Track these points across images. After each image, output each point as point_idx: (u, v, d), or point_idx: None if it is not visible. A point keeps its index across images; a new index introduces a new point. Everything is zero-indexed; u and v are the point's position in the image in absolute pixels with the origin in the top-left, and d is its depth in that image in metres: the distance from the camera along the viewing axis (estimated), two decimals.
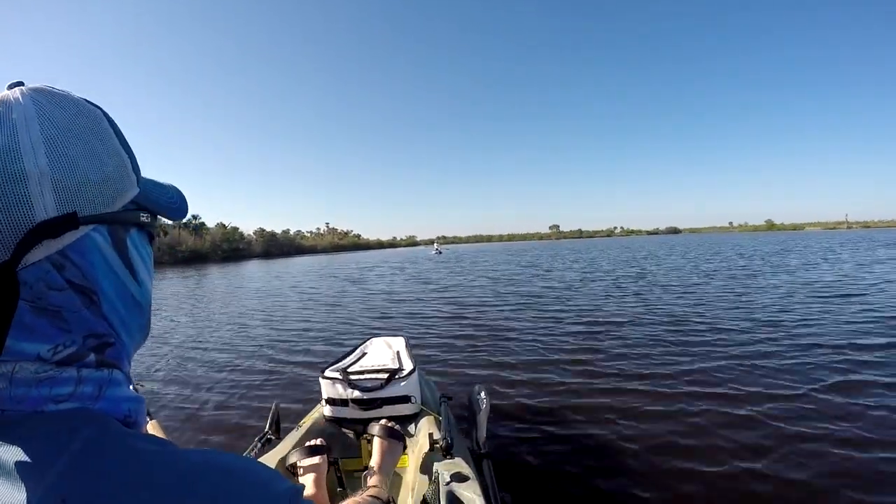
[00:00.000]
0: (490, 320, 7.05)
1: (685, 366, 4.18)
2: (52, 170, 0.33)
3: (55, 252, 0.33)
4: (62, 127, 0.35)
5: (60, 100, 0.36)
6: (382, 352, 2.21)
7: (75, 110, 0.37)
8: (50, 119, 0.34)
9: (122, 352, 0.40)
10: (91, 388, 0.35)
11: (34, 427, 0.31)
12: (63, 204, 0.33)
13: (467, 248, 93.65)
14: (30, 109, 0.34)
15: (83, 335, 0.36)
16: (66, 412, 0.33)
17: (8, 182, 0.31)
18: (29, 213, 0.31)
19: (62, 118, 0.35)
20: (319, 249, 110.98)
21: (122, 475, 0.28)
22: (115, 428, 0.33)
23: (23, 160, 0.31)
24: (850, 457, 2.45)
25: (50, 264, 0.33)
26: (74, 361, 0.35)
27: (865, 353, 4.32)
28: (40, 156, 0.32)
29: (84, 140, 0.36)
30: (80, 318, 0.35)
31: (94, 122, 0.38)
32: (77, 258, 0.35)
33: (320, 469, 1.20)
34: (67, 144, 0.34)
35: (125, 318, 0.40)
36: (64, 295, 0.34)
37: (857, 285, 8.97)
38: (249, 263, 43.82)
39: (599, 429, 2.97)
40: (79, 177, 0.34)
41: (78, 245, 0.35)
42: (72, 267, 0.35)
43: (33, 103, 0.34)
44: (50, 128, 0.34)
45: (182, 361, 5.39)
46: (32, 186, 0.31)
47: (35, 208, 0.31)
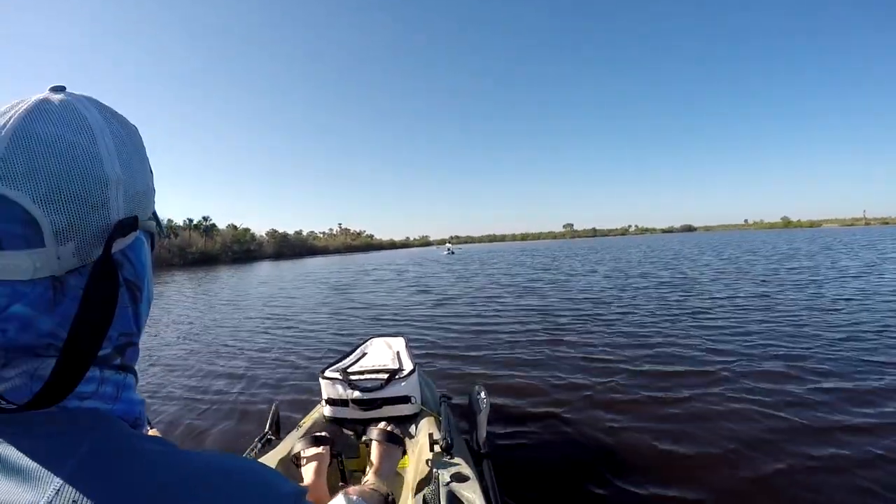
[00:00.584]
0: (490, 322, 7.02)
1: (696, 366, 4.13)
2: (124, 177, 0.37)
3: (119, 251, 0.37)
4: (123, 139, 0.38)
5: (116, 114, 0.40)
6: (382, 352, 2.22)
7: (127, 125, 0.41)
8: (115, 131, 0.38)
9: (137, 352, 0.42)
10: (111, 388, 0.37)
11: (47, 426, 0.31)
12: (130, 208, 0.37)
13: (480, 247, 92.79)
14: (99, 118, 0.37)
15: (119, 332, 0.38)
16: (81, 412, 0.34)
17: (94, 184, 0.34)
18: (107, 214, 0.35)
19: (122, 132, 0.39)
20: (332, 250, 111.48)
21: (131, 477, 0.29)
22: (124, 430, 0.34)
23: (103, 164, 0.35)
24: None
25: (114, 261, 0.36)
26: (102, 362, 0.37)
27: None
28: (115, 163, 0.36)
29: (136, 153, 0.40)
30: (123, 316, 0.38)
31: (138, 136, 0.42)
32: (133, 257, 0.39)
33: (323, 459, 1.22)
34: (129, 156, 0.38)
35: (144, 318, 0.43)
36: (120, 291, 0.36)
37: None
38: (259, 265, 43.53)
39: (601, 430, 2.95)
40: (136, 186, 0.38)
41: (134, 245, 0.39)
42: (129, 265, 0.39)
43: (100, 113, 0.37)
44: (118, 139, 0.38)
45: (181, 362, 5.46)
46: (111, 190, 0.35)
47: (112, 209, 0.35)
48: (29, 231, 0.31)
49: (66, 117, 0.34)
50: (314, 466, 1.18)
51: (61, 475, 0.28)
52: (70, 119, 0.34)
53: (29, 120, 0.32)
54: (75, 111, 0.35)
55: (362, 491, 0.97)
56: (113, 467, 0.29)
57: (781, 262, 14.47)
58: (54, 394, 0.31)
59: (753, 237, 52.89)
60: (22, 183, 0.31)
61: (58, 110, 0.34)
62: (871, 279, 9.49)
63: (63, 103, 0.35)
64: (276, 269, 31.47)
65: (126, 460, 0.30)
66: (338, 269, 26.42)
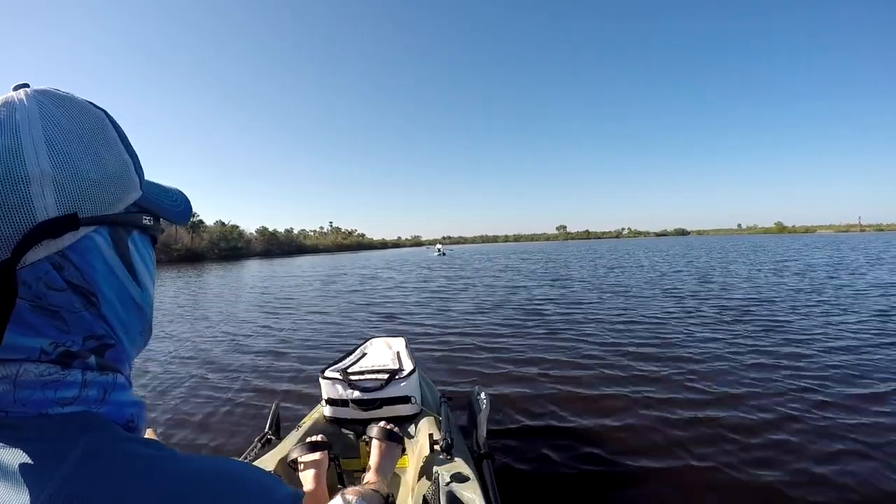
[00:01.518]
0: (492, 321, 7.06)
1: (698, 369, 4.21)
2: (53, 171, 0.33)
3: (55, 252, 0.34)
4: (65, 128, 0.35)
5: (63, 101, 0.37)
6: (382, 352, 2.24)
7: (78, 112, 0.37)
8: (52, 120, 0.35)
9: (122, 354, 0.40)
10: (96, 391, 0.36)
11: (37, 431, 0.31)
12: (64, 205, 0.33)
13: (473, 248, 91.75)
14: (33, 111, 0.34)
15: (83, 336, 0.36)
16: (69, 416, 0.33)
17: (10, 184, 0.31)
18: (30, 214, 0.32)
19: (65, 119, 0.36)
20: (322, 249, 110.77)
21: (124, 481, 0.28)
22: (117, 433, 0.34)
23: (25, 162, 0.32)
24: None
25: (49, 264, 0.33)
26: (75, 360, 0.35)
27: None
28: (42, 157, 0.33)
29: (87, 142, 0.36)
30: (79, 319, 0.35)
31: (98, 123, 0.38)
32: (77, 259, 0.35)
33: (321, 465, 1.21)
34: (70, 146, 0.35)
35: (125, 321, 0.40)
36: (63, 295, 0.34)
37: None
38: (245, 263, 42.74)
39: (602, 431, 2.99)
40: (81, 178, 0.35)
41: (78, 246, 0.35)
42: (71, 268, 0.35)
43: (37, 104, 0.35)
44: (52, 129, 0.34)
45: (180, 362, 5.42)
46: (34, 187, 0.32)
47: (36, 209, 0.32)
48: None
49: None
50: (312, 473, 1.17)
51: (53, 481, 0.27)
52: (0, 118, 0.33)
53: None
54: (9, 109, 0.34)
55: (361, 492, 0.96)
56: (108, 472, 0.29)
57: (859, 272, 12.44)
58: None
59: (760, 242, 52.09)
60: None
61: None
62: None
63: (2, 103, 0.34)
64: (249, 269, 30.94)
65: (120, 465, 0.30)
66: (301, 273, 23.64)
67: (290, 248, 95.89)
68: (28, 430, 0.31)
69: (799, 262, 16.91)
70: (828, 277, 11.46)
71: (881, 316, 6.34)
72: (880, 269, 13.38)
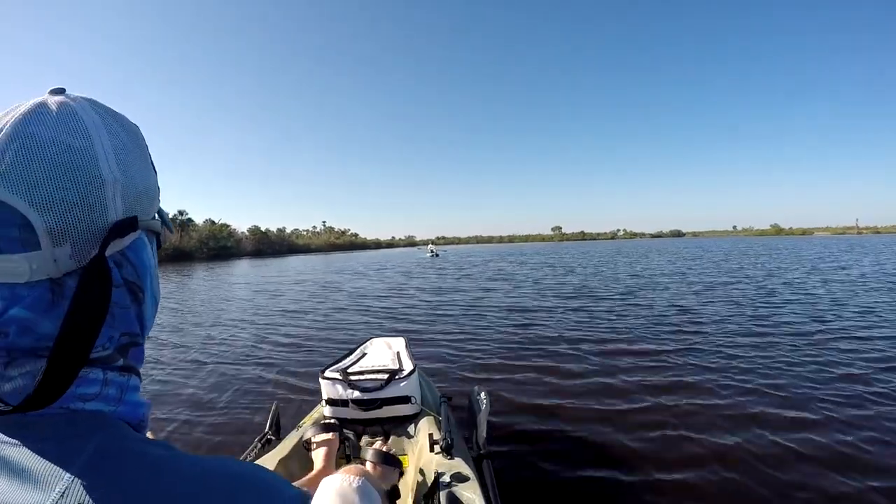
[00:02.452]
0: (492, 320, 7.07)
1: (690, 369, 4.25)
2: (122, 178, 0.37)
3: (117, 251, 0.38)
4: (124, 140, 0.39)
5: (114, 113, 0.41)
6: (382, 352, 2.25)
7: (128, 126, 0.41)
8: (114, 132, 0.38)
9: (141, 353, 0.43)
10: (114, 390, 0.37)
11: (52, 428, 0.32)
12: (128, 209, 0.38)
13: (466, 249, 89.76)
14: (97, 120, 0.37)
15: (121, 332, 0.39)
16: (87, 413, 0.35)
17: (91, 185, 0.34)
18: (104, 215, 0.35)
19: (121, 132, 0.39)
20: (314, 249, 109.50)
21: (136, 481, 0.29)
22: (129, 433, 0.35)
23: (100, 167, 0.35)
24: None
25: (113, 262, 0.37)
26: (104, 362, 0.37)
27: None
28: (113, 164, 0.36)
29: (136, 153, 0.40)
30: (125, 316, 0.39)
31: (139, 136, 0.43)
32: (133, 257, 0.40)
33: (332, 445, 1.29)
34: (128, 156, 0.39)
35: (149, 317, 0.43)
36: (119, 291, 0.38)
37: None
38: (234, 263, 41.58)
39: (602, 431, 3.02)
40: (135, 186, 0.39)
41: (134, 246, 0.40)
42: (128, 265, 0.39)
43: (98, 114, 0.38)
44: (116, 139, 0.38)
45: (180, 362, 5.40)
46: (108, 191, 0.36)
47: (109, 211, 0.36)
48: (25, 234, 0.32)
49: (62, 120, 0.35)
50: (324, 451, 1.25)
51: (67, 478, 0.28)
52: (67, 122, 0.35)
53: (25, 123, 0.33)
54: (72, 113, 0.36)
55: (365, 471, 0.98)
56: (118, 471, 0.30)
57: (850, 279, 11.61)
58: (45, 396, 0.31)
59: (773, 244, 51.10)
60: (18, 186, 0.31)
61: (54, 113, 0.35)
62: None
63: (60, 106, 0.36)
64: (231, 270, 30.42)
65: (131, 464, 0.31)
66: (249, 281, 18.98)
67: (280, 247, 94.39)
68: (43, 426, 0.32)
69: (853, 268, 15.17)
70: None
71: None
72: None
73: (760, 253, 27.97)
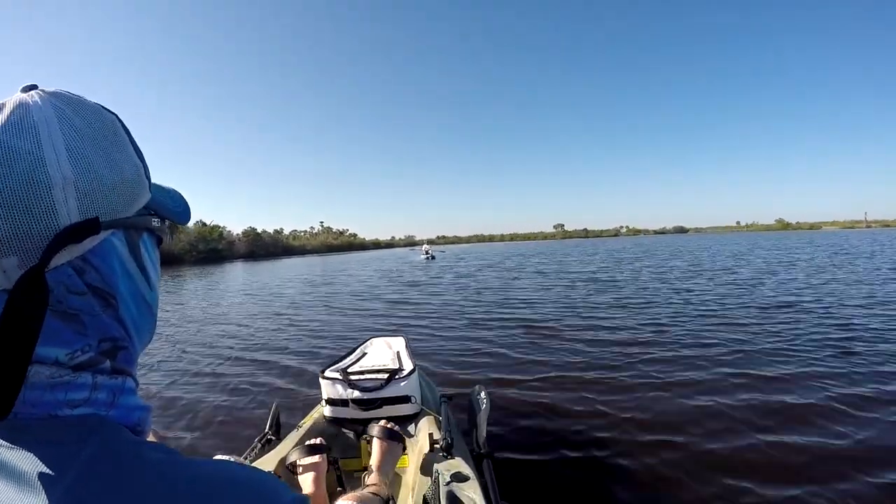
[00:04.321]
0: (493, 318, 7.12)
1: (687, 364, 4.28)
2: (75, 176, 0.34)
3: (76, 257, 0.35)
4: (83, 132, 0.36)
5: (78, 105, 0.38)
6: (382, 352, 2.28)
7: (93, 116, 0.38)
8: (70, 124, 0.36)
9: (132, 356, 0.41)
10: (105, 394, 0.36)
11: (46, 433, 0.32)
12: (85, 210, 0.34)
13: (466, 249, 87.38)
14: (50, 114, 0.35)
15: (98, 339, 0.37)
16: (78, 419, 0.34)
17: (34, 190, 0.32)
18: (54, 220, 0.33)
19: (82, 123, 0.37)
20: (309, 250, 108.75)
21: (133, 485, 0.29)
22: (125, 437, 0.34)
23: (47, 168, 0.33)
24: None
25: (71, 269, 0.35)
26: (90, 367, 0.36)
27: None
28: (63, 163, 0.34)
29: (103, 146, 0.37)
30: (97, 322, 0.37)
31: (111, 128, 0.39)
32: (97, 262, 0.37)
33: (320, 468, 1.24)
34: (88, 151, 0.36)
35: (138, 321, 0.41)
36: (84, 299, 0.36)
37: None
38: (222, 268, 40.52)
39: (602, 431, 3.05)
40: (99, 183, 0.36)
41: (98, 249, 0.37)
42: (92, 271, 0.36)
43: (53, 109, 0.35)
44: (71, 134, 0.35)
45: (180, 363, 5.46)
46: (57, 193, 0.33)
47: (59, 214, 0.33)
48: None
49: (12, 121, 0.33)
50: (312, 476, 1.20)
51: (63, 483, 0.28)
52: (16, 122, 0.33)
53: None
54: (24, 112, 0.34)
55: (361, 496, 0.98)
56: (116, 476, 0.29)
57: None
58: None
59: (798, 239, 49.41)
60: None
61: (7, 115, 0.34)
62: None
63: (17, 105, 0.34)
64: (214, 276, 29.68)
65: (129, 469, 0.30)
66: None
67: (275, 249, 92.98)
68: (36, 431, 0.31)
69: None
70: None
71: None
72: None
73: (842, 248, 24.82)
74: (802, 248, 26.70)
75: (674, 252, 29.27)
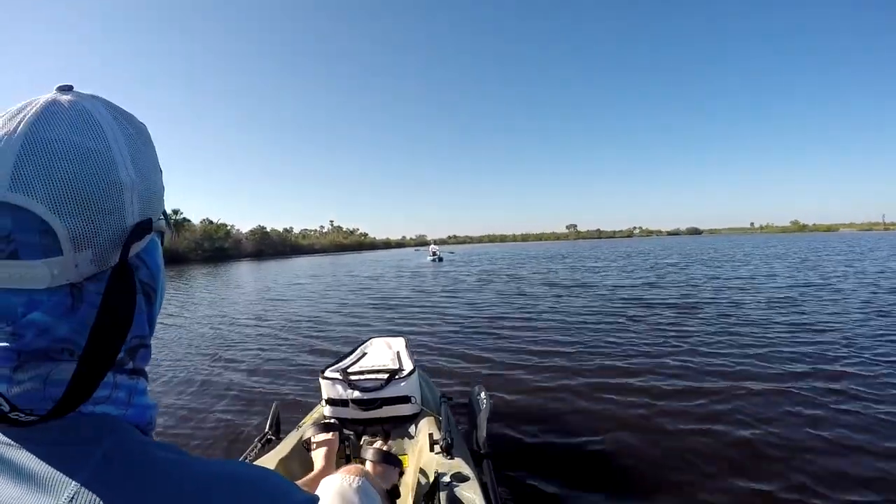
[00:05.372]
0: (493, 319, 7.09)
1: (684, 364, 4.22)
2: (139, 179, 0.37)
3: (135, 255, 0.38)
4: (135, 139, 0.39)
5: (124, 113, 0.40)
6: (382, 352, 2.29)
7: (139, 126, 0.41)
8: (127, 132, 0.38)
9: (148, 355, 0.43)
10: (124, 393, 0.38)
11: (60, 432, 0.32)
12: (143, 211, 0.38)
13: (477, 249, 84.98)
14: (109, 119, 0.37)
15: (132, 335, 0.39)
16: (96, 417, 0.35)
17: (110, 190, 0.34)
18: (123, 219, 0.36)
19: (131, 132, 0.39)
20: (318, 249, 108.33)
21: (145, 486, 0.30)
22: (137, 437, 0.35)
23: (118, 170, 0.35)
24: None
25: (131, 266, 0.37)
26: (116, 366, 0.37)
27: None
28: (129, 166, 0.37)
29: (148, 154, 0.41)
30: (138, 319, 0.39)
31: (147, 135, 0.42)
32: (149, 260, 0.40)
33: (332, 444, 1.32)
34: (142, 156, 0.39)
35: (155, 317, 0.44)
36: (137, 295, 0.38)
37: None
38: (226, 266, 40.14)
39: (602, 431, 3.04)
40: (149, 187, 0.39)
41: (148, 248, 0.40)
42: (144, 267, 0.40)
43: (110, 115, 0.38)
44: (131, 141, 0.38)
45: (180, 363, 5.51)
46: (126, 195, 0.36)
47: (127, 214, 0.36)
48: (46, 240, 0.32)
49: (78, 121, 0.35)
50: (324, 451, 1.28)
51: (76, 482, 0.29)
52: (82, 123, 0.35)
53: (40, 125, 0.33)
54: (88, 115, 0.35)
55: (365, 471, 1.01)
56: (128, 475, 0.30)
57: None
58: (74, 400, 0.32)
59: (803, 242, 45.57)
60: (38, 192, 0.31)
61: (69, 114, 0.35)
62: None
63: (74, 106, 0.36)
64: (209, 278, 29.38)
65: (141, 468, 0.31)
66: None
67: (283, 248, 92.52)
68: (51, 429, 0.32)
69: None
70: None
71: None
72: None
73: None
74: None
75: (726, 255, 24.71)
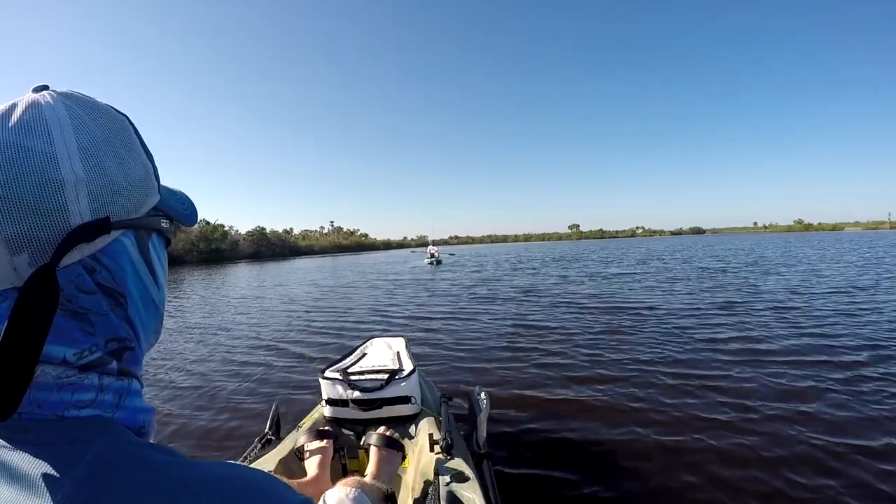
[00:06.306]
0: (494, 319, 7.13)
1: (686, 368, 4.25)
2: (87, 176, 0.35)
3: (87, 256, 0.36)
4: (94, 133, 0.37)
5: (90, 106, 0.39)
6: (382, 352, 2.31)
7: (105, 117, 0.39)
8: (83, 125, 0.37)
9: (138, 357, 0.42)
10: (111, 396, 0.37)
11: (50, 434, 0.32)
12: (97, 210, 0.36)
13: (478, 249, 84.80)
14: (63, 115, 0.36)
15: (106, 338, 0.37)
16: (83, 420, 0.34)
17: (47, 189, 0.33)
18: (65, 219, 0.34)
19: (94, 124, 0.38)
20: (317, 251, 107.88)
21: (137, 488, 0.29)
22: (130, 438, 0.34)
23: (60, 167, 0.34)
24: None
25: (82, 268, 0.35)
26: (97, 367, 0.36)
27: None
28: (76, 163, 0.35)
29: (114, 147, 0.38)
30: (106, 322, 0.37)
31: (122, 129, 0.41)
32: (108, 262, 0.38)
33: (326, 453, 1.30)
34: (100, 151, 0.37)
35: (145, 321, 0.42)
36: (93, 298, 0.36)
37: None
38: (220, 269, 39.52)
39: (601, 431, 3.06)
40: (111, 183, 0.37)
41: (109, 249, 0.38)
42: (103, 270, 0.37)
43: (66, 109, 0.37)
44: (84, 135, 0.36)
45: (181, 363, 5.55)
46: (69, 193, 0.34)
47: (71, 214, 0.34)
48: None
49: (25, 120, 0.34)
50: (318, 460, 1.26)
51: (67, 485, 0.28)
52: (29, 121, 0.34)
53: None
54: (37, 112, 0.35)
55: (361, 483, 1.00)
56: (119, 478, 0.30)
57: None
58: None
59: (813, 241, 45.18)
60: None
61: (19, 114, 0.34)
62: None
63: (29, 104, 0.35)
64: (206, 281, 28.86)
65: (132, 471, 0.30)
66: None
67: (281, 249, 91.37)
68: (40, 432, 0.32)
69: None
70: None
71: None
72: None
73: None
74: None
75: (751, 255, 24.01)
